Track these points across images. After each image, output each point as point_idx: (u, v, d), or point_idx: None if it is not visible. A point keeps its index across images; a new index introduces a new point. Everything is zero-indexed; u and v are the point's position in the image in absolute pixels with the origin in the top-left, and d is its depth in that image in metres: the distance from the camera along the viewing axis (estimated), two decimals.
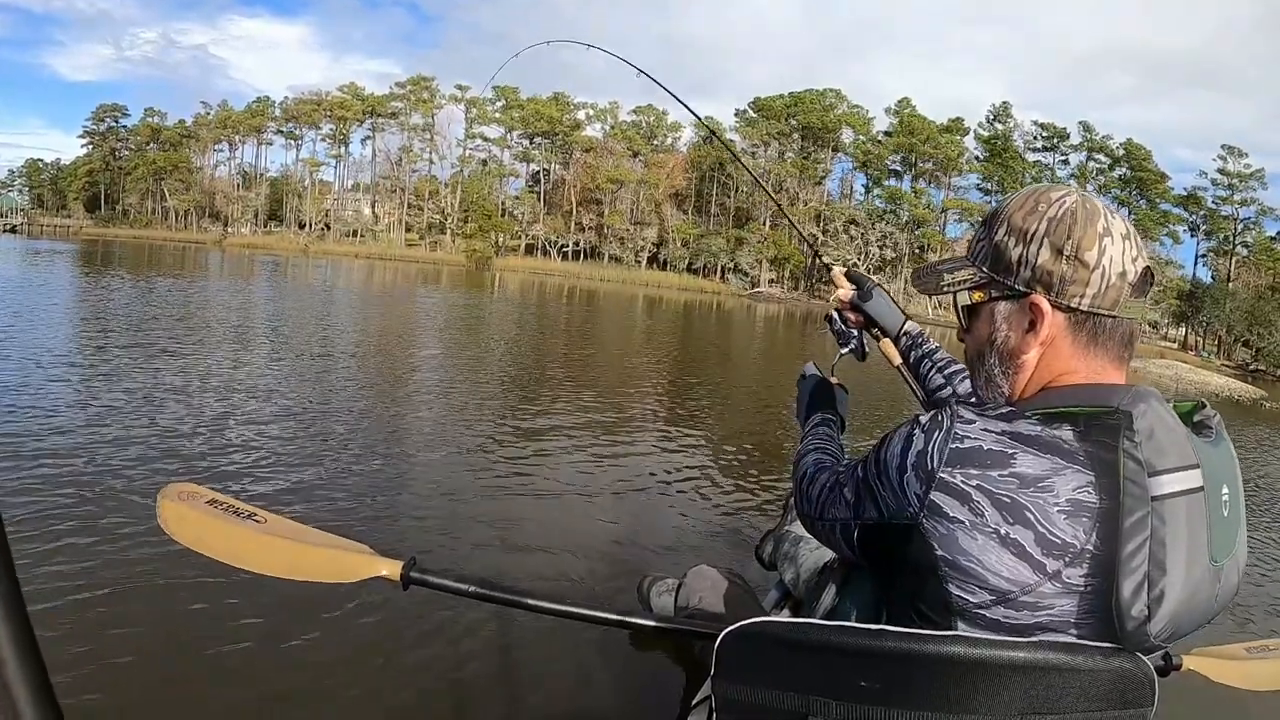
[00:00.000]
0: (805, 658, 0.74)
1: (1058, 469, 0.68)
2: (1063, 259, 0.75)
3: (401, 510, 3.32)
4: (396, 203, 59.43)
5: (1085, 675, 0.67)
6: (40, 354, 5.91)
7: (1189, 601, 0.66)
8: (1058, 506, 0.67)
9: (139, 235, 55.64)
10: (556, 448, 4.74)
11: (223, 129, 63.67)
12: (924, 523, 0.71)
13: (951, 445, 0.71)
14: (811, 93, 56.01)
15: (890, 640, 0.69)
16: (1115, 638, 0.67)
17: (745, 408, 7.60)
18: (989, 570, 0.68)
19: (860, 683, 0.71)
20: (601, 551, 3.08)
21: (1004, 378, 0.80)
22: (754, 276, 52.78)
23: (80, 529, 2.69)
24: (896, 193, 54.58)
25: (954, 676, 0.68)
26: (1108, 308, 0.75)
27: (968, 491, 0.69)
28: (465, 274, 42.66)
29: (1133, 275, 0.75)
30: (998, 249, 0.80)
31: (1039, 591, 0.68)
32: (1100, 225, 0.75)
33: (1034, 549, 0.67)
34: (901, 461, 0.74)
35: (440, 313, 15.74)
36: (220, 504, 1.11)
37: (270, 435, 4.22)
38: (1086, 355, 0.76)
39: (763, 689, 0.76)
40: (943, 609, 0.71)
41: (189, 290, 14.40)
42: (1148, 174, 49.62)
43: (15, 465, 3.27)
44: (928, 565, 0.71)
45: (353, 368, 7.14)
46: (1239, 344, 43.92)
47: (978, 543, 0.68)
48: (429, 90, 59.66)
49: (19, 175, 73.29)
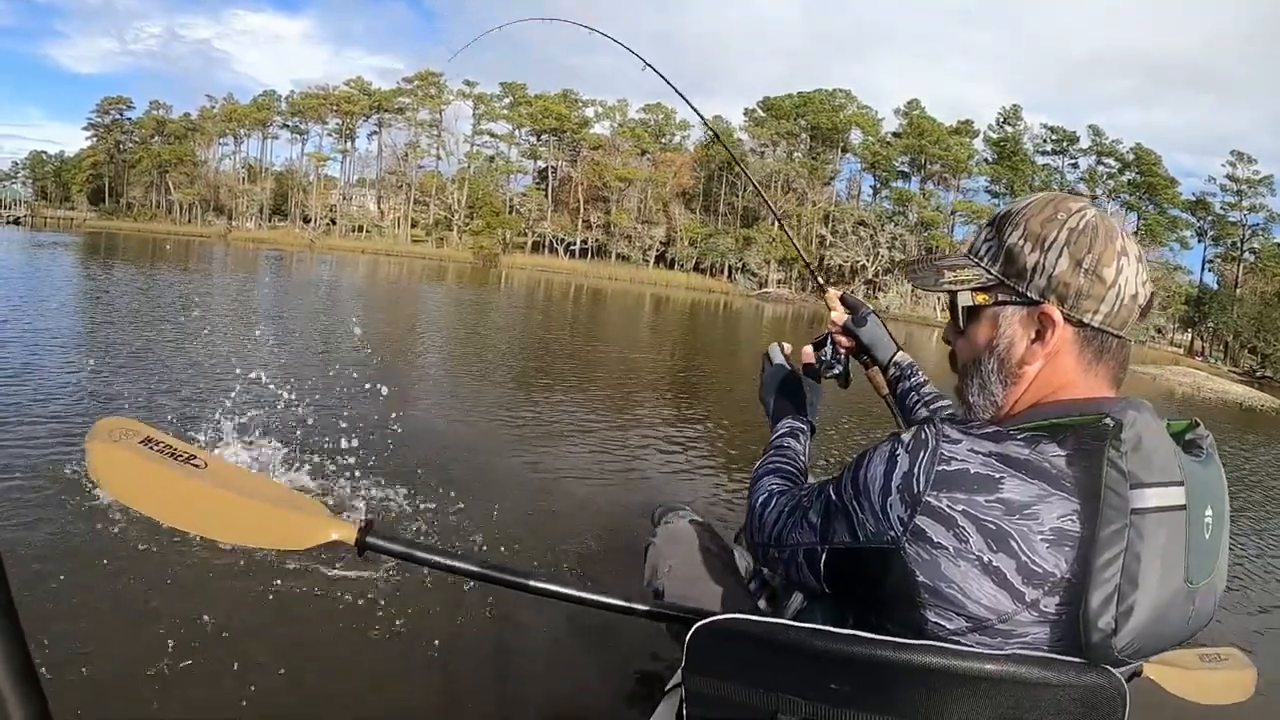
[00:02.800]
0: (777, 657, 0.73)
1: (1044, 495, 0.66)
2: (1081, 272, 0.72)
3: (360, 467, 3.14)
4: (402, 198, 59.19)
5: (1057, 689, 0.66)
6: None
7: (1158, 621, 0.64)
8: (1041, 535, 0.65)
9: (143, 228, 55.36)
10: (544, 433, 4.72)
11: (228, 122, 63.31)
12: (906, 548, 0.68)
13: (939, 468, 0.68)
14: (821, 93, 55.87)
15: (862, 646, 0.68)
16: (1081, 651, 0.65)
17: (746, 404, 7.46)
18: (969, 598, 0.66)
19: (830, 685, 0.70)
20: (582, 528, 3.01)
21: (1000, 386, 0.77)
22: (762, 276, 52.64)
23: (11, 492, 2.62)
24: (906, 194, 54.48)
25: (925, 685, 0.67)
26: (1117, 327, 0.74)
27: (954, 517, 0.66)
28: (471, 271, 42.65)
29: (1143, 299, 0.74)
30: (1010, 252, 0.76)
31: (1015, 620, 0.66)
32: (1119, 244, 0.73)
33: (1015, 577, 0.65)
34: (885, 483, 0.71)
35: (445, 309, 15.70)
36: (156, 443, 0.97)
37: (236, 389, 4.00)
38: (1088, 373, 0.74)
39: (732, 684, 0.75)
40: (916, 633, 0.69)
41: (191, 281, 14.36)
42: (1157, 179, 49.57)
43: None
44: (905, 592, 0.69)
45: (346, 349, 7.20)
46: (1245, 350, 43.95)
47: (960, 569, 0.66)
48: (436, 86, 59.38)
49: (22, 167, 72.82)
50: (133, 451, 0.94)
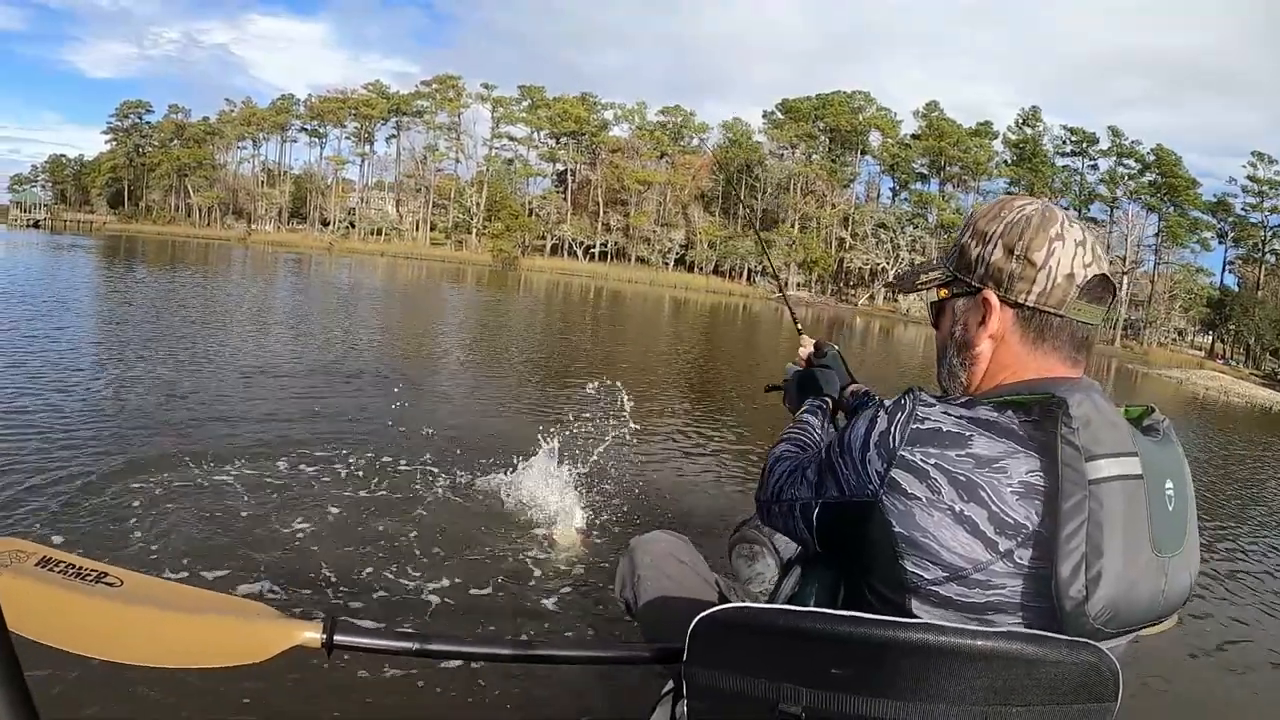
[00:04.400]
0: (778, 644, 0.75)
1: (1011, 452, 0.71)
2: (1013, 258, 0.80)
3: (313, 558, 2.77)
4: (421, 201, 59.38)
5: (1050, 667, 0.68)
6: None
7: (1130, 590, 0.68)
8: (1010, 487, 0.70)
9: (162, 231, 55.72)
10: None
11: (246, 126, 63.53)
12: (883, 499, 0.74)
13: (913, 426, 0.74)
14: (840, 94, 55.81)
15: (861, 626, 0.70)
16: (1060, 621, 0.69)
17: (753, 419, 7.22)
18: (943, 546, 0.71)
19: (831, 670, 0.71)
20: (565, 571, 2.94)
21: (962, 369, 0.86)
22: (782, 280, 52.56)
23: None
24: (926, 196, 54.48)
25: (922, 663, 0.69)
26: (1054, 306, 0.79)
27: (926, 469, 0.72)
28: (490, 274, 42.83)
29: (1081, 278, 0.79)
30: (961, 250, 0.86)
31: (990, 570, 0.70)
32: (1054, 230, 0.80)
33: (987, 527, 0.70)
34: (865, 440, 0.78)
35: (469, 314, 15.98)
36: (56, 564, 0.85)
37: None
38: (1035, 352, 0.81)
39: (734, 676, 0.76)
40: (897, 586, 0.74)
41: (225, 282, 14.50)
42: (1178, 180, 49.38)
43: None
44: (885, 543, 0.73)
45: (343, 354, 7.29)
46: (1267, 354, 43.89)
47: (933, 519, 0.71)
48: (455, 89, 59.49)
49: (42, 171, 73.20)
50: (31, 578, 0.82)
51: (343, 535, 3.02)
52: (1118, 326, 48.10)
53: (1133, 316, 49.96)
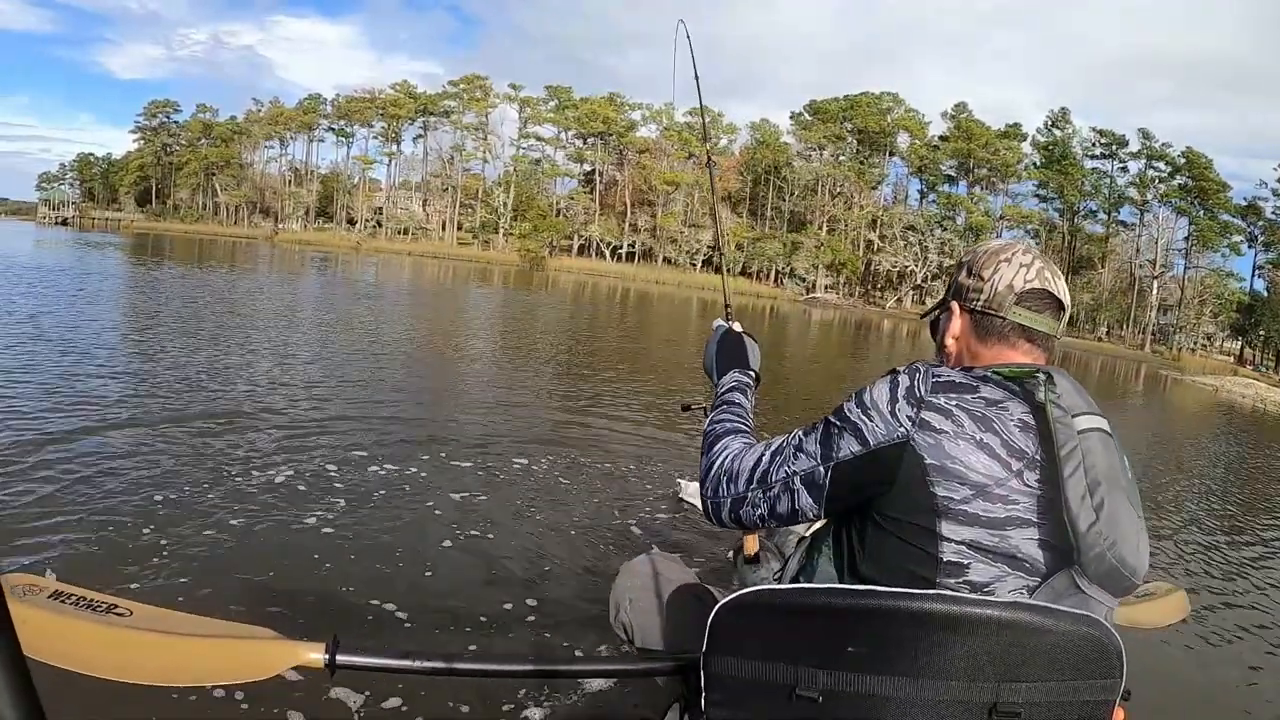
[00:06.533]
0: (796, 625, 0.79)
1: (1009, 397, 0.89)
2: (971, 277, 1.04)
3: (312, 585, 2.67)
4: (448, 201, 59.64)
5: (1056, 637, 0.73)
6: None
7: (1126, 523, 0.81)
8: (1014, 421, 0.87)
9: (190, 230, 56.08)
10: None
11: (274, 125, 63.78)
12: (915, 437, 0.87)
13: (934, 378, 0.91)
14: (868, 95, 55.69)
15: (876, 599, 0.76)
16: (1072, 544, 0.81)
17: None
18: (970, 469, 0.85)
19: (848, 648, 0.76)
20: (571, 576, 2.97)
21: (947, 363, 1.05)
22: (810, 282, 52.85)
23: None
24: (954, 198, 54.44)
25: (934, 633, 0.74)
26: (995, 309, 1.00)
27: (950, 409, 0.88)
28: (517, 273, 42.90)
29: (1020, 288, 0.99)
30: (953, 281, 1.10)
31: (1009, 486, 0.85)
32: (1004, 256, 1.02)
33: (1001, 451, 0.86)
34: (892, 395, 0.92)
35: (496, 315, 15.84)
36: (68, 596, 0.91)
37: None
38: (985, 344, 1.02)
39: (752, 662, 0.80)
40: (928, 511, 0.86)
41: (251, 280, 14.42)
42: (1209, 183, 49.13)
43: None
44: (918, 475, 0.86)
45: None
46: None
47: (960, 447, 0.86)
48: (482, 89, 59.60)
49: (70, 169, 73.66)
50: (45, 609, 0.87)
51: (350, 552, 2.97)
52: (1147, 331, 48.16)
53: (1162, 321, 49.95)
